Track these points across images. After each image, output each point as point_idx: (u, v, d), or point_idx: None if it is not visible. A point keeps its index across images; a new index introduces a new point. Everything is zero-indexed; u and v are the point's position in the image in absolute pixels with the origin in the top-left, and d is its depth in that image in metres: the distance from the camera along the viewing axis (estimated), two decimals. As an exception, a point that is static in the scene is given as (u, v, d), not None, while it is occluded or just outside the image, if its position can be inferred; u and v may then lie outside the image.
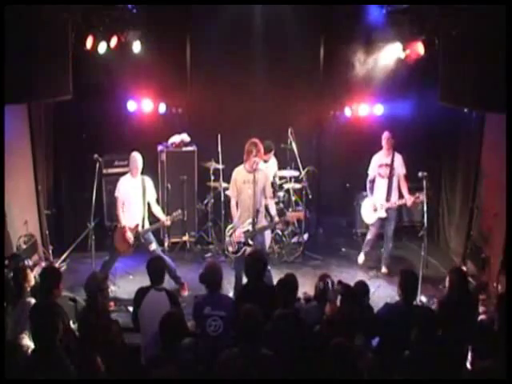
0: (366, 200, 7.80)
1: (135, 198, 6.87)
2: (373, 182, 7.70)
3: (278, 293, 4.64)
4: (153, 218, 7.08)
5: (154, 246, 6.91)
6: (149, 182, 6.98)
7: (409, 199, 7.29)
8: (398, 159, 7.52)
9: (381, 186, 7.59)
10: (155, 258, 5.53)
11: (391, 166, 7.49)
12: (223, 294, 5.15)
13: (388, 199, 7.48)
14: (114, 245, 6.89)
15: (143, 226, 6.89)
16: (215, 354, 4.09)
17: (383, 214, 7.52)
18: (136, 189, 6.88)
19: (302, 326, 4.39)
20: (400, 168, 7.49)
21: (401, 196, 7.49)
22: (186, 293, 6.96)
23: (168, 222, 6.95)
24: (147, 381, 3.87)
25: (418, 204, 7.60)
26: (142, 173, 6.98)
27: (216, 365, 3.94)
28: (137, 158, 6.88)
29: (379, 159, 7.61)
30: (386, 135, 7.53)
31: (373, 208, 7.62)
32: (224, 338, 4.61)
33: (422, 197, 6.97)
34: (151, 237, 6.95)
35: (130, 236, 6.79)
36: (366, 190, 7.89)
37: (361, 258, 8.01)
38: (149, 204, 6.95)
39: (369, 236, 7.88)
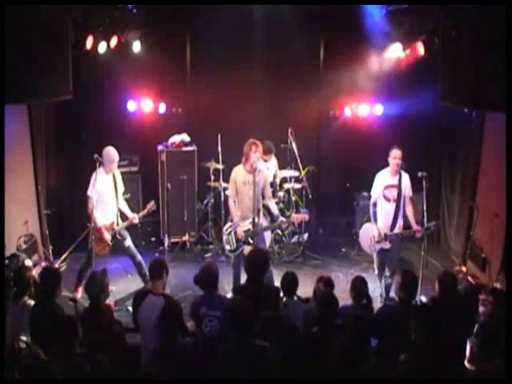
0: (367, 226, 6.72)
1: (109, 194, 6.61)
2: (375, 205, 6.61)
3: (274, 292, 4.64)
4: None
5: (128, 242, 6.72)
6: (118, 175, 6.76)
7: (418, 231, 6.32)
8: (406, 179, 6.47)
9: (386, 210, 6.47)
10: (157, 258, 5.50)
11: (399, 187, 6.43)
12: (220, 295, 5.09)
13: (392, 228, 6.42)
14: (90, 247, 6.42)
15: (117, 224, 6.68)
16: (211, 355, 4.07)
17: (387, 246, 6.46)
18: (109, 184, 6.61)
19: (287, 330, 4.33)
20: (408, 189, 6.47)
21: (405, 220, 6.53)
22: None
23: (136, 220, 6.75)
24: (147, 381, 3.87)
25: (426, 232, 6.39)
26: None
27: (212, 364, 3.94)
28: (114, 153, 6.57)
29: (385, 179, 6.51)
30: (395, 154, 6.36)
31: (377, 238, 6.48)
32: (220, 339, 4.53)
33: (433, 227, 6.38)
34: (125, 233, 6.76)
35: (107, 236, 6.55)
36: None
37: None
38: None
39: (376, 265, 6.68)
